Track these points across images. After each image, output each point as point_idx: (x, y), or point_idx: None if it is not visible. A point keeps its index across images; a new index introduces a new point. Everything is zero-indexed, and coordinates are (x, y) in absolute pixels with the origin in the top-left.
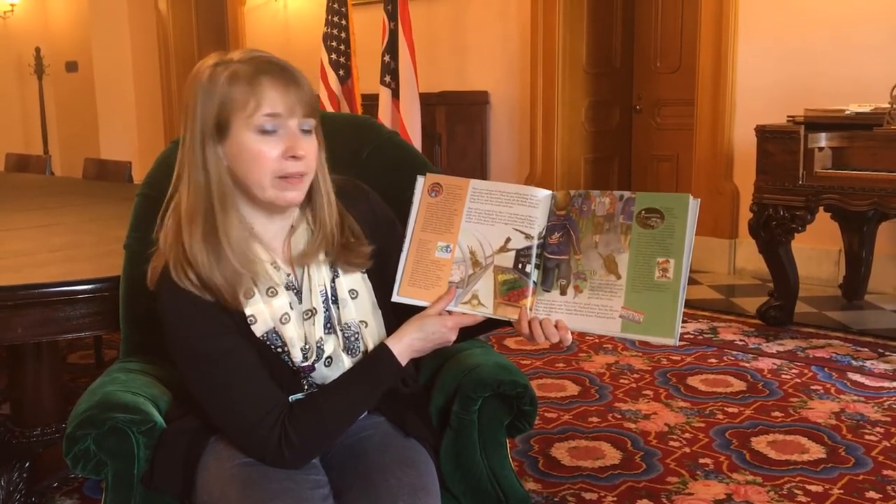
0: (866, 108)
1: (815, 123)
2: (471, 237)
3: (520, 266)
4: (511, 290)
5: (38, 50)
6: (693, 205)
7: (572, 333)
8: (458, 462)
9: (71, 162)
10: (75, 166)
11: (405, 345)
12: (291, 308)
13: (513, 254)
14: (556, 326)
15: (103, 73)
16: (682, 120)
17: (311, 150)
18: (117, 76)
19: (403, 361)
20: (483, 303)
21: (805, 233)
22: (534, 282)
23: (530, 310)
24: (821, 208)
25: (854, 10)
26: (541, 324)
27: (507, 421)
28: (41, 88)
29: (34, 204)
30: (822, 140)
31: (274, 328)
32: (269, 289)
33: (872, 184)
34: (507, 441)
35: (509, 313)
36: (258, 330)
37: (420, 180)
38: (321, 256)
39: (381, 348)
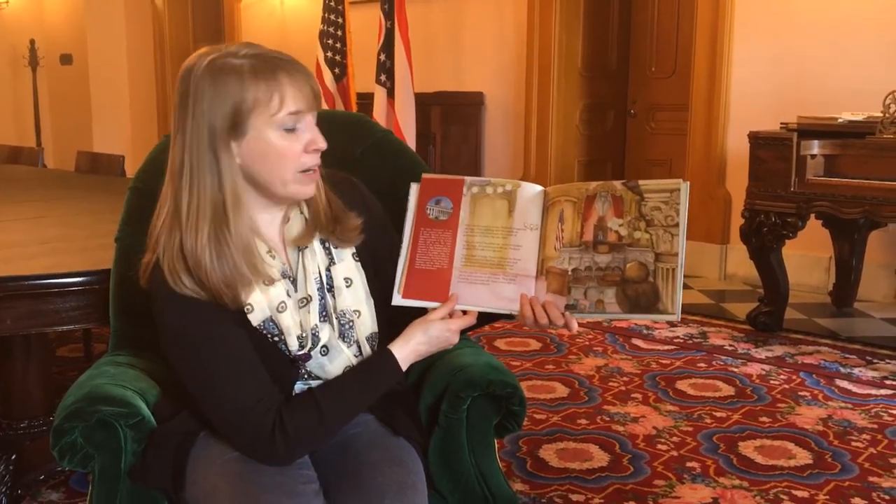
0: (859, 117)
1: (808, 131)
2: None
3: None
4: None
5: (32, 42)
6: (685, 188)
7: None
8: (446, 461)
9: (63, 155)
10: (68, 159)
11: (410, 350)
12: (288, 296)
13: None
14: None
15: (98, 67)
16: (676, 125)
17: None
18: (112, 70)
19: (405, 366)
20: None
21: (796, 239)
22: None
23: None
24: (812, 215)
25: (849, 19)
26: (545, 309)
27: (496, 421)
28: (35, 80)
29: (25, 196)
30: (815, 147)
31: (270, 317)
32: (265, 278)
33: (864, 192)
34: (496, 441)
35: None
36: (255, 319)
37: (414, 187)
38: (315, 238)
39: (386, 353)
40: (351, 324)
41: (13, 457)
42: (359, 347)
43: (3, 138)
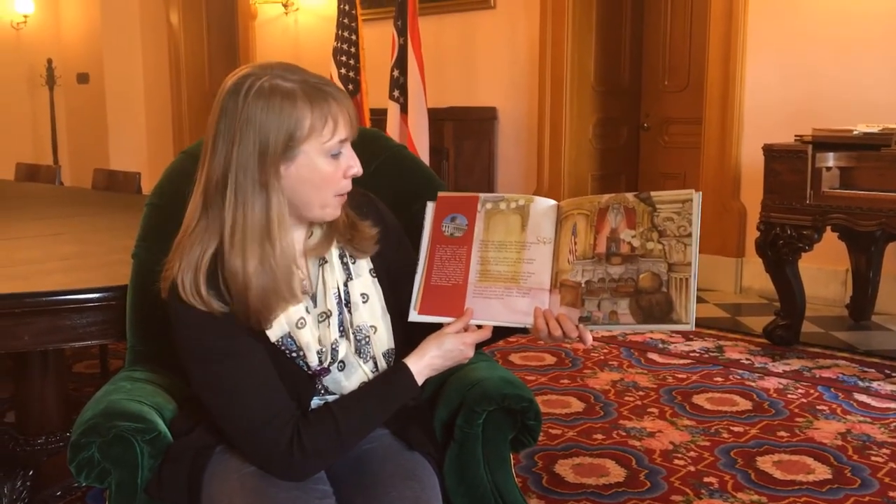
0: (874, 129)
1: (823, 143)
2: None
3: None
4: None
5: (49, 61)
6: (697, 198)
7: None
8: (461, 476)
9: (80, 172)
10: (85, 177)
11: (425, 364)
12: (307, 312)
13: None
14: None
15: (114, 85)
16: (690, 138)
17: None
18: (128, 88)
19: (421, 380)
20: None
21: (812, 252)
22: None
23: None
24: (828, 228)
25: (863, 31)
26: (559, 322)
27: (512, 435)
28: (52, 99)
29: (43, 213)
30: (830, 160)
31: (289, 333)
32: (297, 298)
33: (880, 204)
34: (511, 456)
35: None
36: (273, 335)
37: (430, 205)
38: (333, 250)
39: (401, 367)
40: (367, 339)
41: (30, 473)
42: (375, 363)
43: (21, 156)
